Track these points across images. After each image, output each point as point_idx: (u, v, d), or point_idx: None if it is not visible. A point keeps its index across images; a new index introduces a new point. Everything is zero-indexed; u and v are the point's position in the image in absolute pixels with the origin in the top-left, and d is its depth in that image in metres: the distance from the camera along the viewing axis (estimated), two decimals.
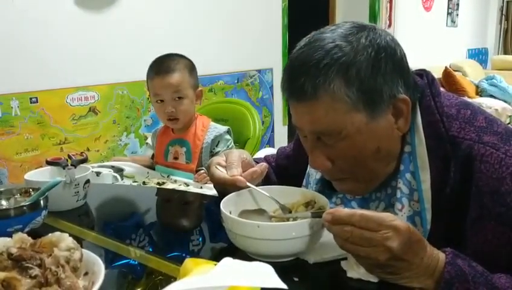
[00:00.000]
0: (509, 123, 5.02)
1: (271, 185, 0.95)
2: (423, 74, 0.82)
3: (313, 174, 0.94)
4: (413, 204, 0.79)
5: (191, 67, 1.56)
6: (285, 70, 0.78)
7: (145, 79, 1.56)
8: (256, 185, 0.89)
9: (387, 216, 0.64)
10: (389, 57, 0.73)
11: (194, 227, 1.04)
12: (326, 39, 0.73)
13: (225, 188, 0.89)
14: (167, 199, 1.26)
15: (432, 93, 0.79)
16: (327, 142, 0.76)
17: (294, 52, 0.77)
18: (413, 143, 0.78)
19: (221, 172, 0.90)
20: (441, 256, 0.66)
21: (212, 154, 1.54)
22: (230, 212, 0.79)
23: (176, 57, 1.54)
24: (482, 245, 0.69)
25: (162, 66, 1.51)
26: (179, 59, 1.54)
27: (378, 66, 0.72)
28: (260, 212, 0.83)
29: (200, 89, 1.59)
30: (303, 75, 0.73)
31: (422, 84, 0.80)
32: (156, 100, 1.53)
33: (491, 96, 5.05)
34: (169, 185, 1.40)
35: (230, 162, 0.91)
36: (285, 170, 1.09)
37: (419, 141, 0.77)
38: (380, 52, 0.73)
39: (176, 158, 1.58)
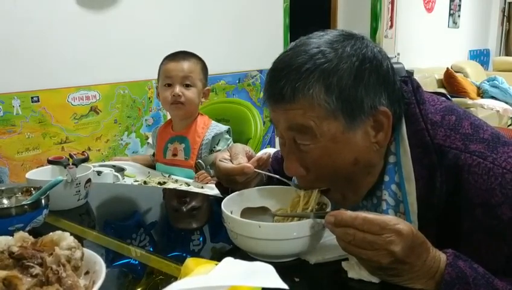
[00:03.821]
0: (510, 124, 5.02)
1: (273, 184, 0.95)
2: (408, 80, 0.81)
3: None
4: (399, 216, 0.77)
5: (203, 66, 1.63)
6: (269, 72, 0.77)
7: (148, 78, 1.58)
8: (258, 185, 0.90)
9: (390, 220, 0.63)
10: (374, 68, 0.72)
11: (194, 227, 1.04)
12: (311, 44, 0.72)
13: (233, 179, 0.89)
14: (168, 198, 1.26)
15: (416, 101, 0.77)
16: (303, 143, 0.74)
17: (280, 54, 0.76)
18: (398, 153, 0.76)
19: (226, 163, 0.90)
20: (442, 257, 0.66)
21: (212, 152, 1.54)
22: (231, 212, 0.79)
23: (192, 54, 1.63)
24: (476, 257, 0.68)
25: (178, 54, 1.60)
26: (194, 55, 1.63)
27: (361, 77, 0.71)
28: (263, 210, 0.83)
29: (207, 88, 1.63)
30: (284, 78, 0.72)
31: (407, 91, 0.78)
32: (164, 84, 1.57)
33: (493, 97, 5.04)
34: (170, 185, 1.40)
35: (235, 153, 0.91)
36: (278, 174, 1.08)
37: (404, 151, 0.75)
38: (365, 63, 0.71)
39: (174, 155, 1.59)
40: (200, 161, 1.48)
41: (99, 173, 1.40)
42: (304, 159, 0.76)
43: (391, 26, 4.68)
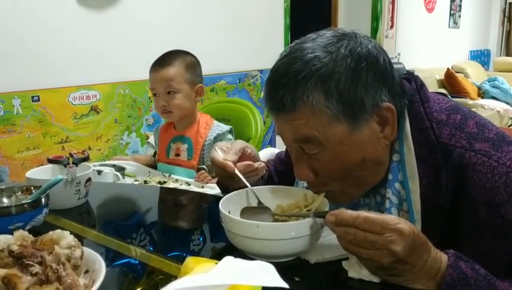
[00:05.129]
0: (510, 125, 5.02)
1: (272, 184, 0.95)
2: (411, 78, 0.80)
3: (300, 182, 0.93)
4: (402, 215, 0.77)
5: (189, 63, 1.56)
6: (267, 82, 0.77)
7: (147, 78, 1.57)
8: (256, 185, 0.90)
9: (391, 219, 0.63)
10: (370, 66, 0.72)
11: (195, 226, 1.03)
12: (306, 49, 0.72)
13: (216, 171, 0.91)
14: (168, 198, 1.26)
15: (421, 99, 0.77)
16: (310, 152, 0.74)
17: (276, 63, 0.76)
18: (401, 151, 0.76)
19: (217, 154, 0.90)
20: (443, 258, 0.66)
21: None
22: (229, 212, 0.78)
23: (177, 53, 1.56)
24: (479, 256, 0.68)
25: (158, 60, 1.54)
26: (178, 54, 1.55)
27: (359, 77, 0.70)
28: (263, 209, 0.83)
29: (199, 85, 1.58)
30: (282, 87, 0.72)
31: (410, 89, 0.78)
32: (152, 93, 1.57)
33: (493, 98, 5.04)
34: (171, 185, 1.40)
35: (229, 148, 0.91)
36: (282, 175, 1.08)
37: (408, 149, 0.75)
38: (361, 62, 0.71)
39: (177, 155, 1.59)
40: (204, 166, 1.48)
41: (99, 172, 1.40)
42: (314, 165, 0.76)
43: (392, 27, 4.68)
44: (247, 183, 0.86)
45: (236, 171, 0.87)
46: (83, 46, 2.33)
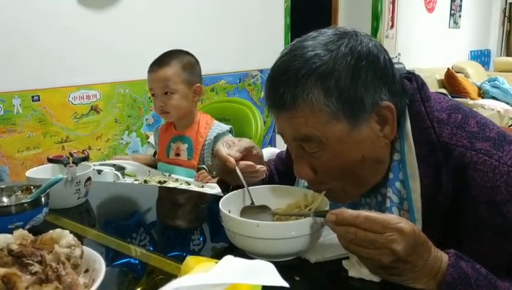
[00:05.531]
0: (511, 125, 5.01)
1: (274, 183, 0.95)
2: (412, 77, 0.80)
3: (301, 182, 0.93)
4: (403, 214, 0.77)
5: (186, 63, 1.55)
6: (267, 80, 0.77)
7: (147, 78, 1.57)
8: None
9: (392, 218, 0.63)
10: (371, 64, 0.71)
11: (195, 226, 1.03)
12: (306, 47, 0.72)
13: (217, 163, 0.91)
14: (168, 197, 1.26)
15: (421, 98, 0.76)
16: (310, 150, 0.74)
17: (276, 60, 0.76)
18: (402, 151, 0.76)
19: (221, 147, 0.91)
20: (444, 258, 0.65)
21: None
22: (229, 211, 0.78)
23: (175, 53, 1.55)
24: (479, 256, 0.67)
25: (156, 60, 1.54)
26: (177, 55, 1.55)
27: (359, 75, 0.70)
28: (263, 209, 0.82)
29: (197, 85, 1.57)
30: (282, 85, 0.72)
31: (411, 88, 0.78)
32: (151, 94, 1.58)
33: (493, 98, 5.04)
34: (171, 184, 1.40)
35: (235, 144, 0.91)
36: (282, 175, 1.08)
37: (409, 148, 0.75)
38: (361, 60, 0.71)
39: (177, 154, 1.58)
40: (204, 166, 1.48)
41: (99, 171, 1.40)
42: (313, 163, 0.76)
43: (392, 27, 4.68)
44: (244, 182, 0.86)
45: (237, 169, 0.87)
46: (83, 46, 2.33)
